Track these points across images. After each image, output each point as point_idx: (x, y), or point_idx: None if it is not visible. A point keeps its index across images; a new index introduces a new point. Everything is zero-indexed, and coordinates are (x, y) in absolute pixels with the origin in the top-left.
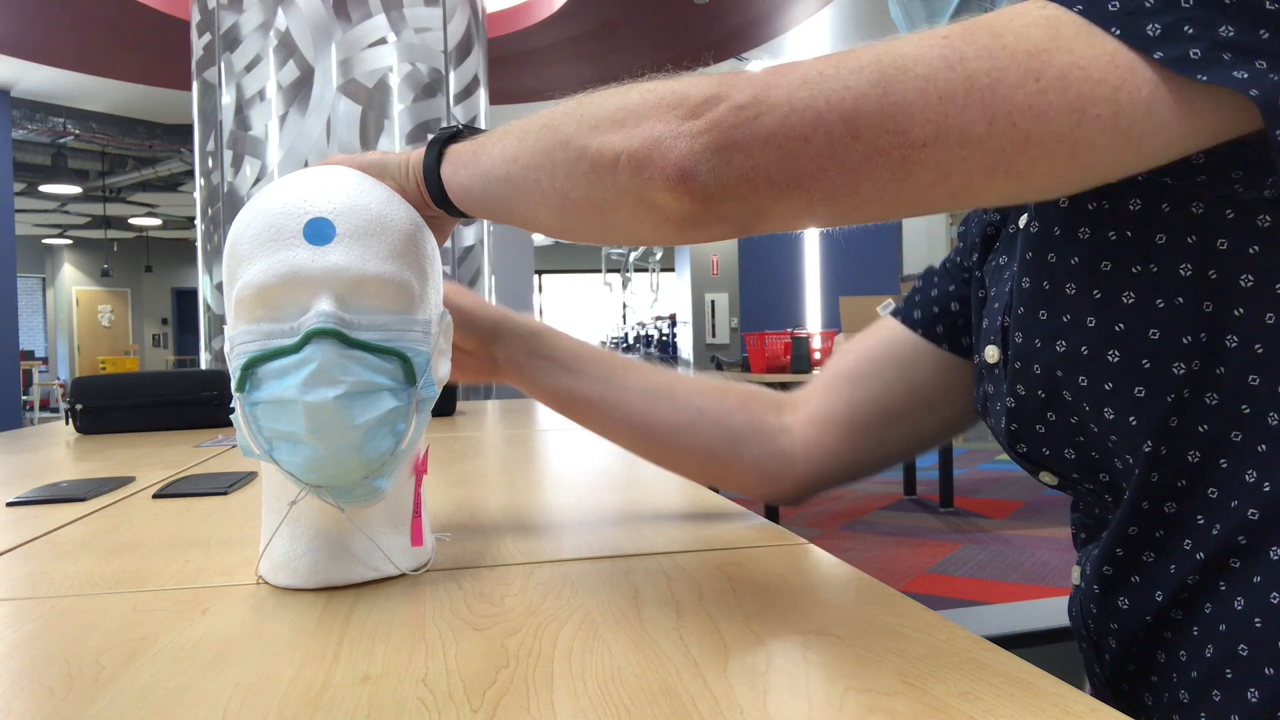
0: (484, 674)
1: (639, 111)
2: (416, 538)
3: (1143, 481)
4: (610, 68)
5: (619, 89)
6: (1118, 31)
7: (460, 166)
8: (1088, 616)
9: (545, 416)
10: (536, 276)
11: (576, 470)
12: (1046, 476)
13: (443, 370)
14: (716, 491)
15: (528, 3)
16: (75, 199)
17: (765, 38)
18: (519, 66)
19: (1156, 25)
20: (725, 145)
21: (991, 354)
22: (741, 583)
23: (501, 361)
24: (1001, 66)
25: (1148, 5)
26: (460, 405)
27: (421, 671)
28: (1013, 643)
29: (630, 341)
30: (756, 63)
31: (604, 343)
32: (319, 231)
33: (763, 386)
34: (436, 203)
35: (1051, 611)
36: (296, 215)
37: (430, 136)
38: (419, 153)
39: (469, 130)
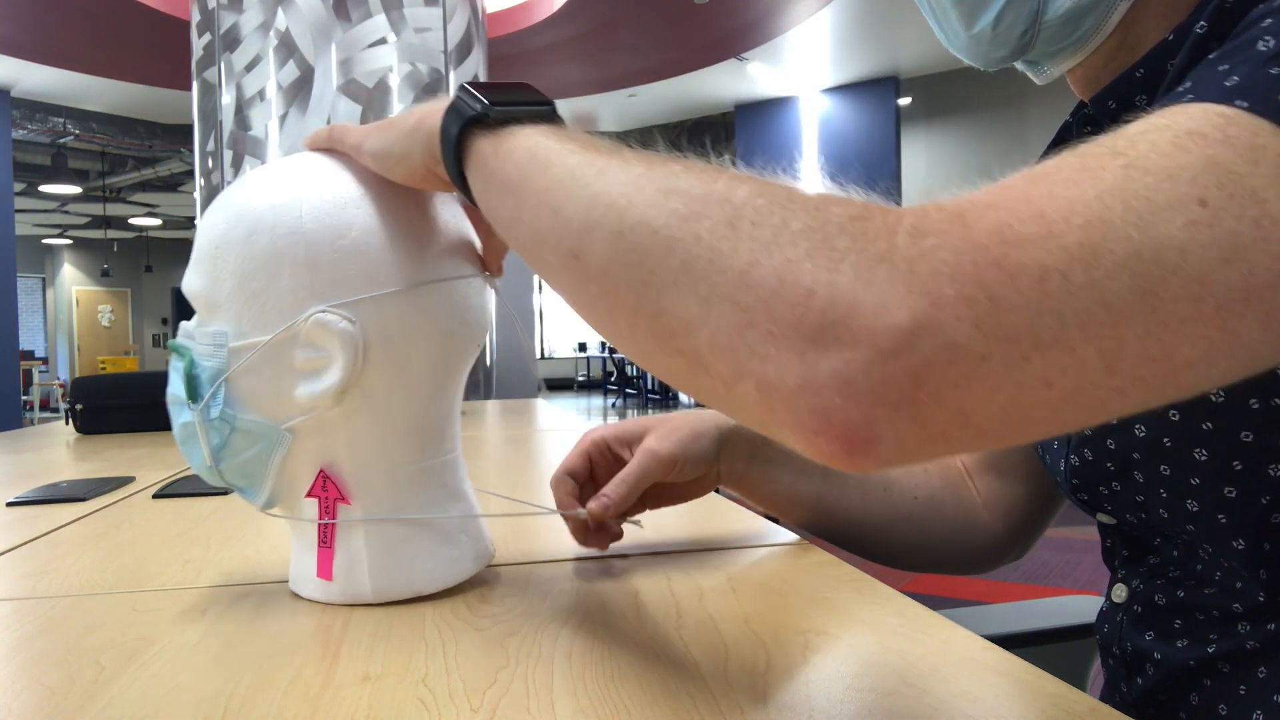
0: (484, 674)
1: (777, 303)
2: (322, 569)
3: (1250, 576)
4: (610, 68)
5: (738, 192)
6: None
7: (494, 192)
8: (1125, 638)
9: (545, 417)
10: (536, 276)
11: None
12: (1104, 517)
13: (302, 390)
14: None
15: (528, 3)
16: (75, 199)
17: (765, 38)
18: (519, 66)
19: None
20: (929, 401)
21: None
22: (741, 583)
23: (724, 473)
24: None
25: None
26: (460, 405)
27: (421, 671)
28: (1013, 643)
29: None
30: (757, 63)
31: (604, 342)
32: None
33: None
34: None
35: (1051, 611)
36: None
37: (440, 119)
38: (429, 137)
39: (493, 106)
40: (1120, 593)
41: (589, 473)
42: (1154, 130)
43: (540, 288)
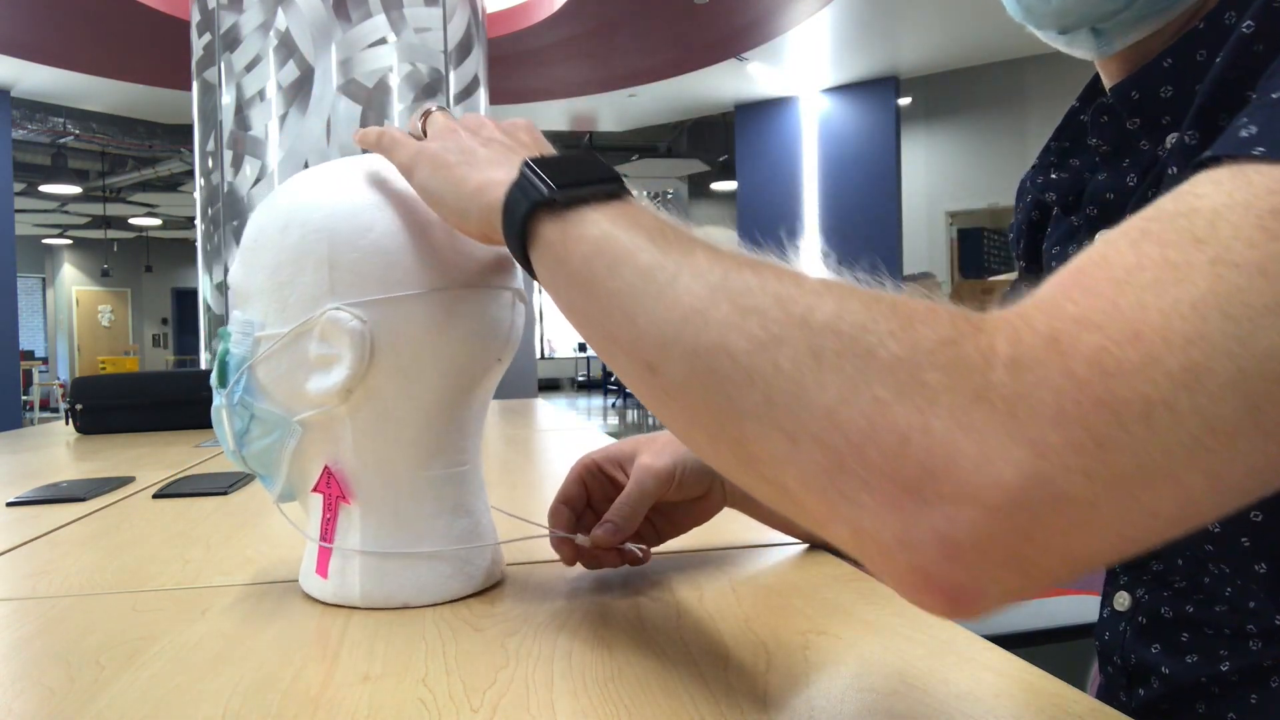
0: (484, 674)
1: (870, 448)
2: (320, 566)
3: (1267, 598)
4: (610, 68)
5: (818, 314)
6: None
7: (561, 281)
8: (1129, 649)
9: (545, 416)
10: None
11: None
12: None
13: (312, 384)
14: None
15: (528, 3)
16: (75, 199)
17: (765, 38)
18: (519, 66)
19: None
20: (1037, 554)
21: None
22: (741, 583)
23: (730, 487)
24: None
25: None
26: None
27: (421, 671)
28: (1013, 643)
29: None
30: (757, 63)
31: None
32: None
33: None
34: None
35: (1050, 611)
36: None
37: (504, 193)
38: (489, 208)
39: (560, 189)
40: (1123, 601)
41: (586, 499)
42: (1234, 209)
43: (540, 288)
